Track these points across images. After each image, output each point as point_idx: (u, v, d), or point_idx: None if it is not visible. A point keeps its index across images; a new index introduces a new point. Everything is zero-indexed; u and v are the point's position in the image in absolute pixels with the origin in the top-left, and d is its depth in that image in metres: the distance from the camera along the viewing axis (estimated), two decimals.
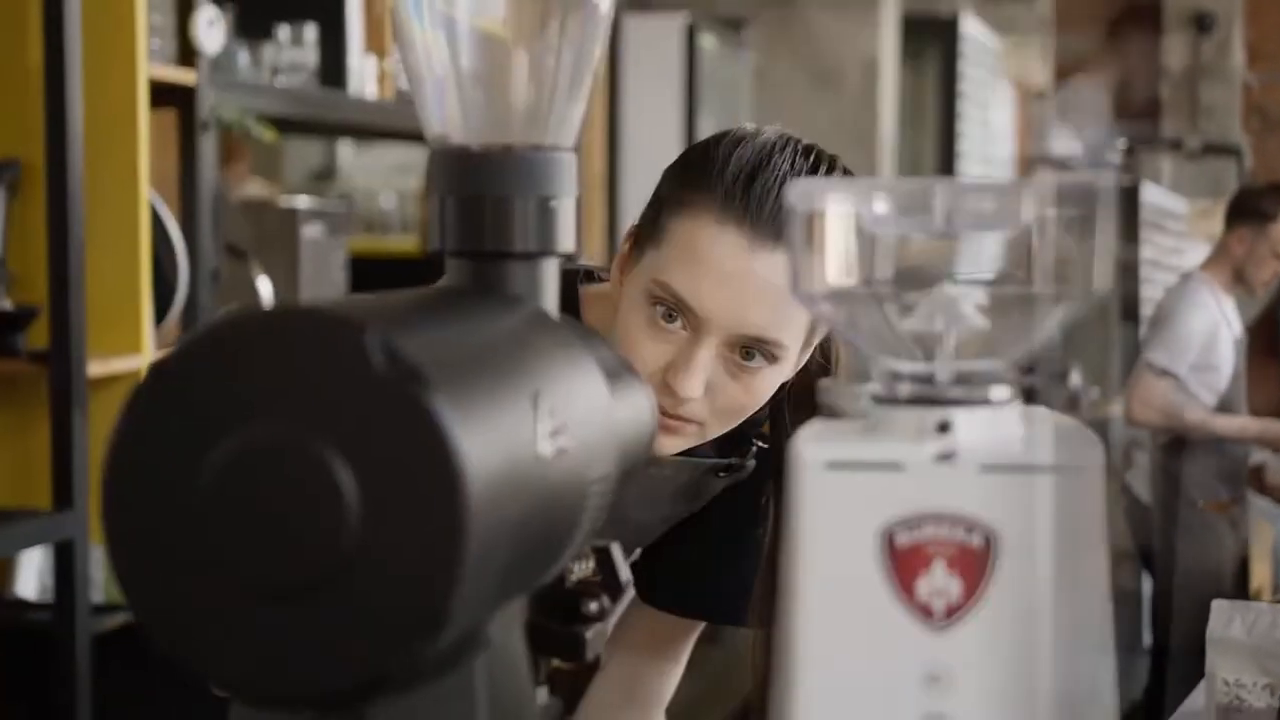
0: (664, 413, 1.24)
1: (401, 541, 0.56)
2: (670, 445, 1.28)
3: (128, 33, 2.43)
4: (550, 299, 0.75)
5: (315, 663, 0.58)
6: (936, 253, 0.68)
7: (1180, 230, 7.45)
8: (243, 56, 2.95)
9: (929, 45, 7.13)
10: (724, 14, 5.78)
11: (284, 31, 3.08)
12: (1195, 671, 1.84)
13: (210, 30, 2.61)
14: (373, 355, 0.57)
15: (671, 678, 1.54)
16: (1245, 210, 4.46)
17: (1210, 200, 7.60)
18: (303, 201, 3.27)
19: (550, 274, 0.75)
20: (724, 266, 1.22)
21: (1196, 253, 7.93)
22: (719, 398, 1.25)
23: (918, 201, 0.64)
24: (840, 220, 0.65)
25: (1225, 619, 1.72)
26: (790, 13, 5.79)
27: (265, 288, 2.97)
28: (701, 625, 1.52)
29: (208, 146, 2.69)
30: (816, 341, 1.31)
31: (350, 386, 0.57)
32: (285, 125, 3.34)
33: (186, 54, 2.63)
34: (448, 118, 0.75)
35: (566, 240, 0.75)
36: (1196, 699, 1.96)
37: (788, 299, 1.22)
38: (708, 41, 5.36)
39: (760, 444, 1.40)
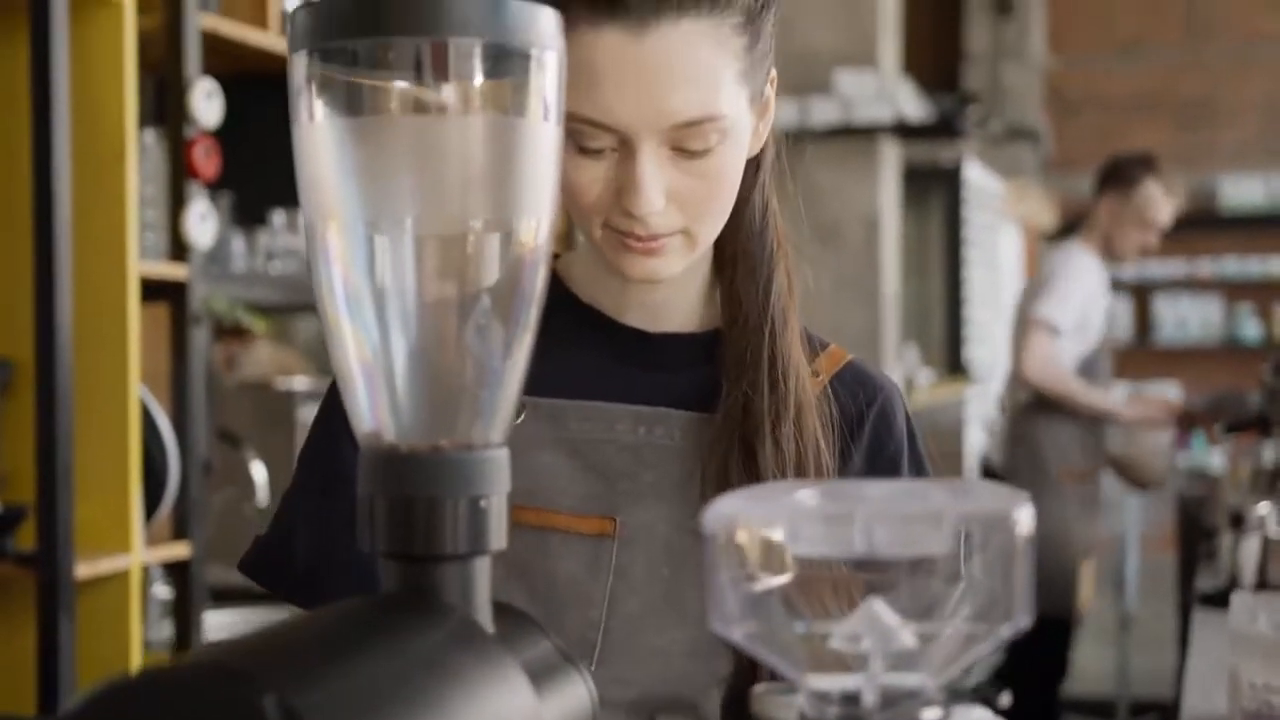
0: (639, 238, 1.16)
1: None
2: (665, 266, 1.19)
3: (119, 232, 2.45)
4: (482, 599, 0.74)
5: None
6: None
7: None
8: (238, 243, 2.96)
9: (932, 193, 7.17)
10: None
11: (279, 217, 3.10)
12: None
13: (202, 225, 2.63)
14: (270, 718, 0.55)
15: None
16: (1111, 178, 4.49)
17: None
18: (300, 383, 3.27)
19: (482, 573, 0.74)
20: (616, 67, 1.11)
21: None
22: (685, 198, 1.16)
23: (838, 525, 0.63)
24: (760, 543, 0.64)
25: (1248, 613, 1.46)
26: (791, 169, 5.83)
27: (260, 475, 2.95)
28: None
29: (199, 339, 2.69)
30: (767, 92, 1.23)
31: None
32: (280, 308, 3.35)
33: (179, 247, 2.65)
34: (378, 416, 0.74)
35: (498, 539, 0.74)
36: (1215, 701, 1.67)
37: (699, 66, 1.12)
38: None
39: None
